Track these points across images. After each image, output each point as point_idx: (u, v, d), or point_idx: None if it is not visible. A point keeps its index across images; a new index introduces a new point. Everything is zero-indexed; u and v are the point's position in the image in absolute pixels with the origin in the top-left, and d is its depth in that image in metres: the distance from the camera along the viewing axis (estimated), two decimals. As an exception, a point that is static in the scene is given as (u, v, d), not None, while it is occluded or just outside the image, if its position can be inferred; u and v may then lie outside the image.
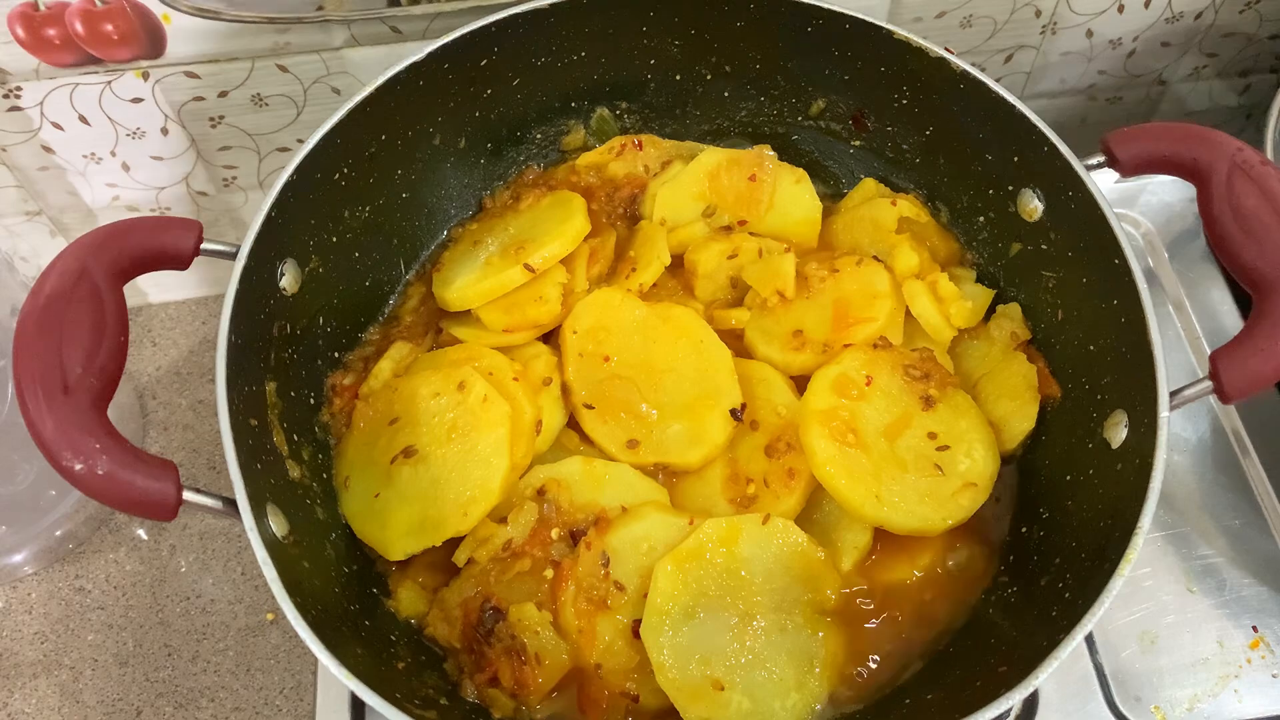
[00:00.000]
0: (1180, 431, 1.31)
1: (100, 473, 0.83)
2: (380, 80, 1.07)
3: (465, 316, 1.17)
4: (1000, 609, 1.00)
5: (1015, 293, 1.18)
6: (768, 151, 1.26)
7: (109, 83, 1.19)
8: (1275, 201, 0.94)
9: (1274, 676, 1.17)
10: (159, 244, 0.94)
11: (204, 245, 0.95)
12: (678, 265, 1.21)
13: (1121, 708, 1.14)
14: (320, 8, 1.15)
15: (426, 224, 1.25)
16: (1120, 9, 1.38)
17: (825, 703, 0.98)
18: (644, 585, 0.99)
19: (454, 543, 1.04)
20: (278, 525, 0.92)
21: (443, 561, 1.05)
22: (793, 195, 1.23)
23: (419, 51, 1.09)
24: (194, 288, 1.49)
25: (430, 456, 1.04)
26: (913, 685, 0.96)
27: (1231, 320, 1.39)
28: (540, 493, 1.05)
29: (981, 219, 1.20)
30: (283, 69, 1.21)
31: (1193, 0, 1.39)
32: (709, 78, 1.26)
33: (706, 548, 1.00)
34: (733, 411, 1.09)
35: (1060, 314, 1.11)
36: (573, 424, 1.11)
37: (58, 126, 1.23)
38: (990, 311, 1.18)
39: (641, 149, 1.28)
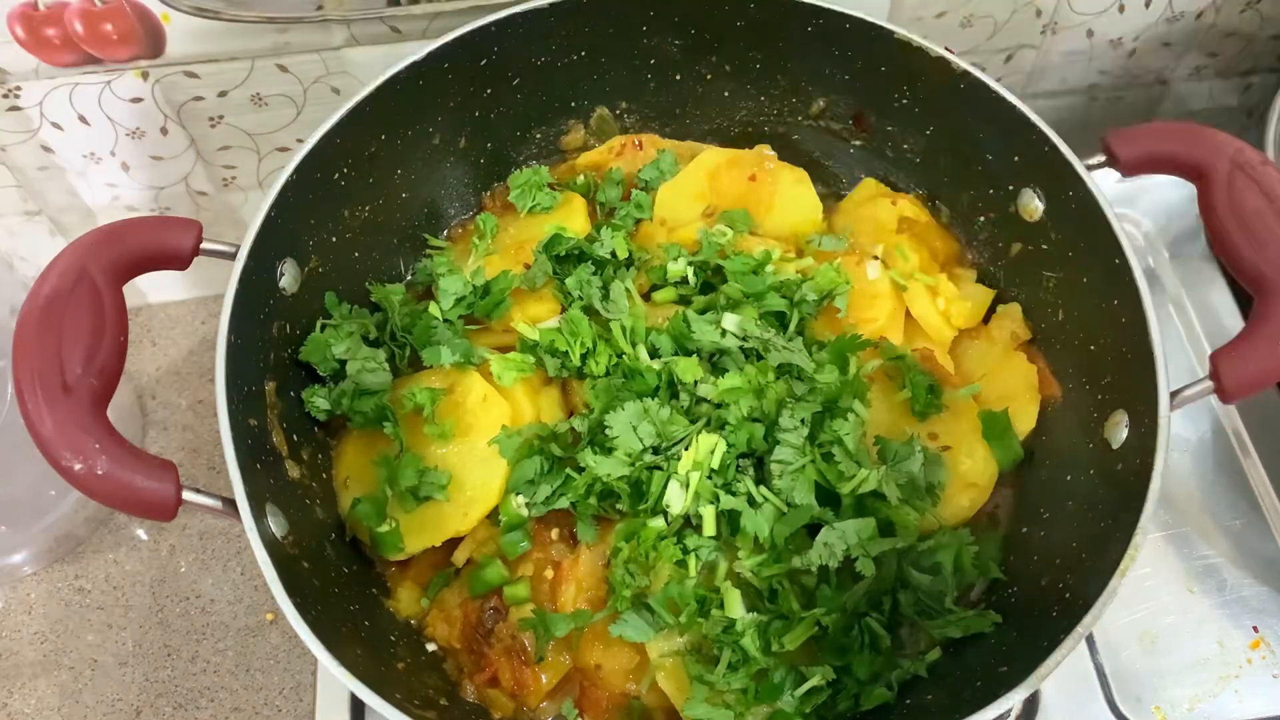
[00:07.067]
0: (1180, 431, 1.31)
1: (100, 473, 0.83)
2: (380, 80, 1.07)
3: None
4: (1000, 609, 0.99)
5: (1015, 293, 1.18)
6: (768, 151, 1.26)
7: (108, 82, 1.19)
8: (1276, 201, 0.94)
9: (1274, 677, 1.17)
10: (158, 244, 0.94)
11: (204, 245, 0.95)
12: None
13: (1122, 708, 1.14)
14: (320, 7, 1.15)
15: (426, 224, 1.25)
16: (1121, 9, 1.37)
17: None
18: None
19: (454, 543, 1.04)
20: (277, 525, 0.92)
21: (443, 561, 1.05)
22: (793, 195, 1.22)
23: (419, 51, 1.09)
24: (194, 288, 1.49)
25: (430, 456, 1.04)
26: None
27: (1231, 320, 1.38)
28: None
29: (982, 219, 1.20)
30: (282, 69, 1.21)
31: (1193, 0, 1.39)
32: (709, 78, 1.26)
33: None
34: (733, 411, 1.08)
35: (1060, 314, 1.11)
36: (572, 424, 1.11)
37: (57, 126, 1.23)
38: (990, 311, 1.18)
39: (641, 149, 1.28)
